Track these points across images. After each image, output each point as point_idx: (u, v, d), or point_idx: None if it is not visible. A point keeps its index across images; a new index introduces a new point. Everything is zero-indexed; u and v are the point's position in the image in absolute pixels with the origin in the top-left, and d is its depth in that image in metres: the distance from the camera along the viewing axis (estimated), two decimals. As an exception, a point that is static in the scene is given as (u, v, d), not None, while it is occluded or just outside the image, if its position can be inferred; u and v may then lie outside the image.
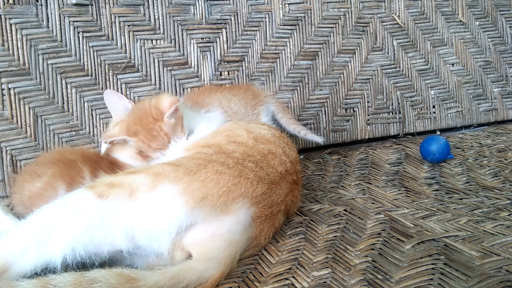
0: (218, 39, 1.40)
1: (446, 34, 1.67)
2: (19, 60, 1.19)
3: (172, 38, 1.34)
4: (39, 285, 0.64)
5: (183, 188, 0.76)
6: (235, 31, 1.42)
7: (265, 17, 1.45)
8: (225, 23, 1.41)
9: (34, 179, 0.91)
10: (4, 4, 1.18)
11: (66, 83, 1.24)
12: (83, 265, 0.72)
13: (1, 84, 1.18)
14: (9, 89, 1.19)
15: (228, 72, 1.41)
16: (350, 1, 1.54)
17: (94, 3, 1.26)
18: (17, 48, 1.19)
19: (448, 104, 1.68)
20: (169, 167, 0.80)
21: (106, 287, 0.65)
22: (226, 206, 0.78)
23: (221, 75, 1.40)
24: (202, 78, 1.38)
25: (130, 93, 1.30)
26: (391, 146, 1.51)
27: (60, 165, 0.93)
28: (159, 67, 1.33)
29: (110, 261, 0.76)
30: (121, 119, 1.07)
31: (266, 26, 1.45)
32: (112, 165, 0.97)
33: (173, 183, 0.77)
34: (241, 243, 0.79)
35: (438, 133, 1.66)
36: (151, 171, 0.79)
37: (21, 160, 1.20)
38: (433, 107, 1.66)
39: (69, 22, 1.23)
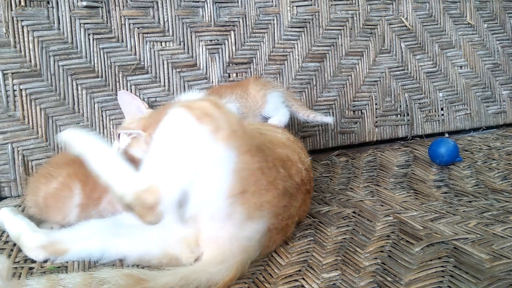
0: (226, 41, 1.41)
1: (454, 37, 1.67)
2: (31, 62, 1.21)
3: (181, 40, 1.35)
4: (48, 285, 0.64)
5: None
6: (244, 33, 1.42)
7: (273, 20, 1.45)
8: (234, 25, 1.41)
9: (49, 180, 0.92)
10: (16, 6, 1.19)
11: (77, 85, 1.25)
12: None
13: (13, 85, 1.19)
14: (21, 90, 1.20)
15: (237, 74, 1.42)
16: (358, 3, 1.55)
17: (104, 5, 1.27)
18: (29, 50, 1.21)
19: (456, 107, 1.68)
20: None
21: None
22: (253, 210, 0.77)
23: (229, 76, 1.41)
24: (211, 79, 1.39)
25: (139, 95, 1.31)
26: (399, 148, 1.51)
27: (74, 165, 0.93)
28: (168, 69, 1.34)
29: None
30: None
31: (274, 28, 1.46)
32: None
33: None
34: (253, 252, 0.79)
35: (447, 135, 1.66)
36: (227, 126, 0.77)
37: (32, 160, 1.21)
38: (442, 109, 1.66)
39: (80, 24, 1.25)
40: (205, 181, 0.74)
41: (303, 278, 0.75)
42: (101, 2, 1.26)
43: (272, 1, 1.45)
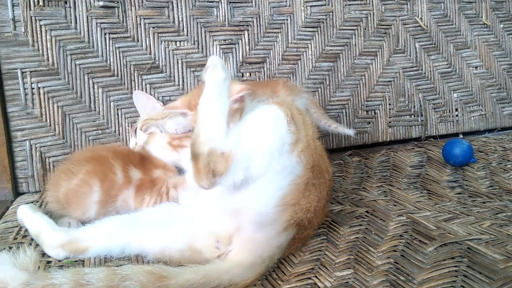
0: (240, 40, 1.41)
1: (470, 37, 1.66)
2: (48, 61, 1.23)
3: (195, 39, 1.37)
4: (73, 279, 0.66)
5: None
6: (257, 33, 1.43)
7: (287, 19, 1.46)
8: (247, 25, 1.42)
9: (70, 177, 0.94)
10: (34, 6, 1.21)
11: (93, 83, 1.27)
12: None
13: (31, 83, 1.22)
14: (39, 88, 1.23)
15: (250, 73, 1.43)
16: (372, 3, 1.54)
17: (120, 5, 1.29)
18: (47, 49, 1.23)
19: (471, 107, 1.66)
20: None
21: (137, 285, 0.66)
22: (294, 222, 0.79)
23: (242, 76, 1.42)
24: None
25: (154, 93, 1.32)
26: (412, 148, 1.51)
27: (93, 162, 0.95)
28: (182, 68, 1.36)
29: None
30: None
31: (287, 28, 1.46)
32: (142, 160, 1.00)
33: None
34: (277, 258, 0.79)
35: (461, 136, 1.64)
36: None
37: (49, 157, 1.24)
38: (456, 110, 1.65)
39: (96, 23, 1.27)
40: (267, 182, 0.77)
41: (316, 276, 0.76)
42: (117, 2, 1.28)
43: (286, 1, 1.45)
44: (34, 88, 1.22)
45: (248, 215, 0.78)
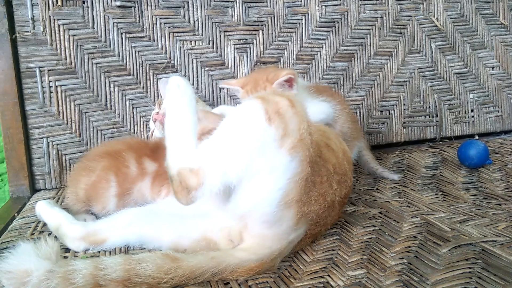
0: (254, 40, 1.42)
1: (486, 37, 1.64)
2: (66, 59, 1.25)
3: (210, 39, 1.38)
4: (92, 265, 0.68)
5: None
6: (272, 33, 1.44)
7: (302, 19, 1.46)
8: (262, 25, 1.43)
9: (89, 173, 0.97)
10: (53, 6, 1.23)
11: (109, 82, 1.29)
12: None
13: (49, 82, 1.24)
14: (56, 87, 1.25)
15: (264, 73, 1.43)
16: (388, 3, 1.53)
17: (137, 5, 1.30)
18: (64, 48, 1.25)
19: (487, 108, 1.64)
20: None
21: (152, 266, 0.70)
22: (301, 218, 0.79)
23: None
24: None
25: (169, 93, 1.34)
26: (427, 149, 1.50)
27: (108, 158, 0.98)
28: (197, 68, 1.37)
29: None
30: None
31: (302, 28, 1.46)
32: (157, 151, 1.00)
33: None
34: (287, 252, 0.81)
35: (477, 137, 1.63)
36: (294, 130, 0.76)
37: (66, 154, 1.26)
38: (472, 111, 1.63)
39: (113, 23, 1.28)
40: (261, 183, 0.75)
41: (328, 275, 0.76)
42: (134, 2, 1.30)
43: (301, 1, 1.45)
44: (51, 86, 1.24)
45: (253, 216, 0.78)
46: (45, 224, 0.99)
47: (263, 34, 1.43)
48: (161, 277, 0.69)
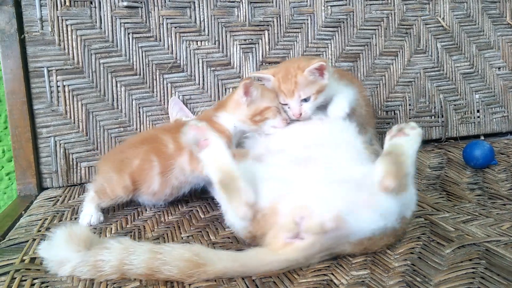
0: (260, 40, 1.43)
1: (493, 37, 1.64)
2: (74, 59, 1.26)
3: (216, 39, 1.38)
4: (119, 258, 0.74)
5: None
6: (277, 33, 1.44)
7: (307, 19, 1.46)
8: (268, 25, 1.43)
9: (131, 160, 1.02)
10: (61, 6, 1.25)
11: (116, 82, 1.30)
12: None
13: (57, 81, 1.26)
14: (64, 86, 1.26)
15: (270, 73, 1.44)
16: (394, 3, 1.53)
17: (144, 5, 1.31)
18: (72, 48, 1.26)
19: (493, 109, 1.64)
20: None
21: (175, 269, 0.72)
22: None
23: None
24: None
25: (175, 92, 1.35)
26: (432, 150, 1.50)
27: (147, 142, 1.04)
28: (203, 68, 1.38)
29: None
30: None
31: (308, 28, 1.47)
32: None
33: None
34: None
35: (482, 138, 1.62)
36: None
37: (73, 153, 1.27)
38: (478, 111, 1.63)
39: (120, 23, 1.30)
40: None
41: (332, 273, 0.76)
42: (141, 2, 1.31)
43: (307, 1, 1.46)
44: (59, 86, 1.26)
45: (346, 228, 0.77)
46: (51, 222, 1.00)
47: (268, 34, 1.43)
48: (184, 278, 0.73)
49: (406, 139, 0.88)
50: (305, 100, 1.04)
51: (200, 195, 1.14)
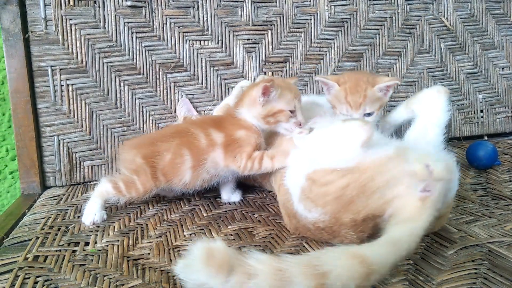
0: (263, 40, 1.43)
1: (497, 37, 1.63)
2: (77, 59, 1.27)
3: (219, 39, 1.39)
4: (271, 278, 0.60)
5: None
6: (280, 32, 1.44)
7: (311, 19, 1.46)
8: (271, 25, 1.43)
9: (163, 154, 1.02)
10: (65, 6, 1.25)
11: (120, 81, 1.31)
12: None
13: (61, 80, 1.26)
14: (68, 85, 1.27)
15: (272, 72, 1.44)
16: (397, 2, 1.53)
17: (147, 5, 1.32)
18: (76, 47, 1.27)
19: (497, 109, 1.63)
20: None
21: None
22: None
23: (265, 75, 1.43)
24: (247, 78, 1.41)
25: (178, 92, 1.35)
26: (435, 150, 1.49)
27: (178, 136, 1.04)
28: (206, 67, 1.38)
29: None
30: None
31: (311, 28, 1.47)
32: (220, 123, 1.05)
33: None
34: None
35: (486, 138, 1.62)
36: None
37: (76, 152, 1.28)
38: (481, 111, 1.62)
39: (124, 23, 1.30)
40: None
41: (334, 273, 0.76)
42: (145, 2, 1.31)
43: (310, 1, 1.46)
44: (63, 85, 1.26)
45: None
46: (54, 220, 1.01)
47: (272, 33, 1.43)
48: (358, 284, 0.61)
49: None
50: (369, 114, 1.06)
51: (202, 194, 1.14)
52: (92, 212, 0.99)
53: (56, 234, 0.93)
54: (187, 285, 0.63)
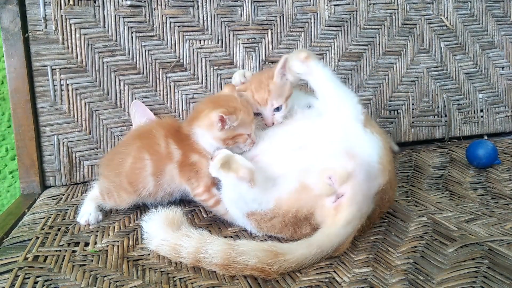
0: (263, 39, 1.43)
1: (497, 37, 1.63)
2: (77, 58, 1.27)
3: (219, 38, 1.39)
4: (196, 246, 0.79)
5: None
6: (280, 32, 1.44)
7: (311, 18, 1.46)
8: (271, 24, 1.43)
9: (123, 158, 0.98)
10: (65, 5, 1.25)
11: (119, 80, 1.30)
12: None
13: (60, 80, 1.26)
14: (67, 85, 1.27)
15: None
16: (397, 2, 1.53)
17: (147, 4, 1.31)
18: (76, 47, 1.27)
19: (497, 108, 1.63)
20: None
21: (254, 259, 0.74)
22: (381, 188, 0.89)
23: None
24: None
25: (178, 91, 1.35)
26: (435, 149, 1.49)
27: (140, 138, 1.00)
28: (206, 67, 1.38)
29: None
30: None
31: (311, 27, 1.47)
32: (181, 139, 0.99)
33: None
34: (362, 222, 0.86)
35: (486, 137, 1.62)
36: None
37: (76, 152, 1.28)
38: (481, 111, 1.62)
39: (124, 22, 1.30)
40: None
41: (334, 271, 0.77)
42: (145, 1, 1.31)
43: (310, 0, 1.46)
44: (63, 84, 1.26)
45: (361, 160, 0.85)
46: (54, 220, 1.01)
47: (271, 33, 1.43)
48: (264, 267, 0.74)
49: None
50: (277, 109, 1.04)
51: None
52: (87, 212, 0.99)
53: (56, 234, 0.93)
54: (144, 235, 0.86)
